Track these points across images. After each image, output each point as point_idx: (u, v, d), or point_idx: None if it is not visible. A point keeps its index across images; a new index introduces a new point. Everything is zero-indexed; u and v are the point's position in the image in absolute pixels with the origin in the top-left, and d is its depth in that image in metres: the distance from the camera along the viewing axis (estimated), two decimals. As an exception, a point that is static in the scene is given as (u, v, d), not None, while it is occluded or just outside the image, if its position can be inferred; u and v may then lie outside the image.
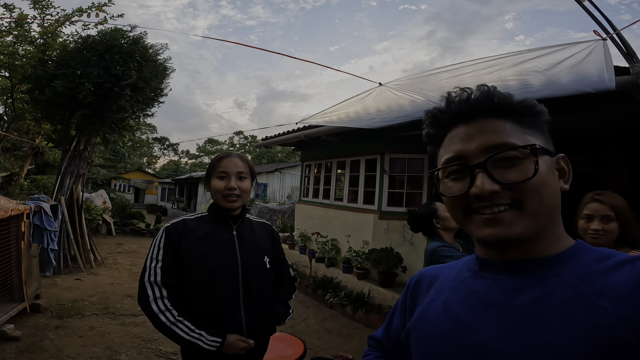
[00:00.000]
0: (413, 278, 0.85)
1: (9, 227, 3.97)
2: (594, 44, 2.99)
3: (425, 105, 3.26)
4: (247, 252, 1.58)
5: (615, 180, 5.15)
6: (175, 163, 48.48)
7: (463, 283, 0.70)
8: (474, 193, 0.60)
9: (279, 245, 1.80)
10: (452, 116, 0.67)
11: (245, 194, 1.59)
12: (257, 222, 1.74)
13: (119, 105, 6.77)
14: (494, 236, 0.60)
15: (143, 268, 1.52)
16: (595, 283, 0.56)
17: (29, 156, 11.11)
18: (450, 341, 0.64)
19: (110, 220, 11.96)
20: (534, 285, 0.60)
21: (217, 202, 1.59)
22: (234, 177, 1.56)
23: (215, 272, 1.50)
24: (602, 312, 0.52)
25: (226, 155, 1.62)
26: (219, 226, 1.60)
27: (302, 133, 6.83)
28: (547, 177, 0.60)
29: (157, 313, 1.44)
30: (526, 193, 0.58)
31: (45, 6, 7.29)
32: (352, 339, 4.34)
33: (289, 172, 20.01)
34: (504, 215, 0.59)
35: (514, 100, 0.64)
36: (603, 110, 3.36)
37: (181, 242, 1.52)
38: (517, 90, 2.84)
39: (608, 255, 0.59)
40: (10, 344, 3.56)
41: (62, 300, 5.03)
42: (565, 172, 0.66)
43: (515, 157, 0.60)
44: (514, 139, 0.61)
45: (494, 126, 0.62)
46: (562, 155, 0.66)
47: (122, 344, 3.82)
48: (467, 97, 0.65)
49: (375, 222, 5.83)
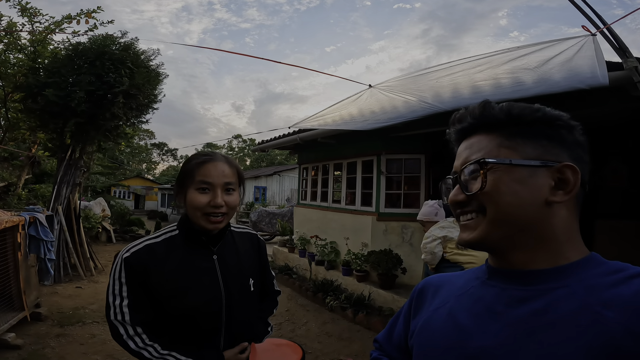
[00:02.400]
0: (418, 285, 0.87)
1: (5, 238, 3.99)
2: (583, 39, 2.97)
3: (418, 106, 3.25)
4: (231, 280, 1.30)
5: (614, 176, 5.14)
6: (174, 168, 48.49)
7: (470, 292, 0.71)
8: (449, 202, 0.71)
9: (265, 257, 1.54)
10: (455, 135, 0.74)
11: (232, 210, 1.25)
12: (240, 234, 1.44)
13: (112, 112, 6.73)
14: (462, 240, 0.68)
15: (106, 304, 1.21)
16: (602, 295, 0.55)
17: (26, 166, 11.07)
18: (452, 347, 0.65)
19: (110, 228, 11.95)
20: (539, 295, 0.60)
21: (194, 221, 1.23)
22: (220, 190, 1.20)
23: (195, 307, 1.22)
24: (607, 323, 0.52)
25: (209, 158, 1.23)
26: (195, 251, 1.27)
27: (298, 136, 6.83)
28: (505, 187, 0.62)
29: (138, 350, 1.18)
30: (485, 201, 0.64)
31: (34, 14, 7.25)
32: (353, 342, 4.32)
33: (288, 175, 20.01)
34: (470, 222, 0.67)
35: (501, 112, 0.66)
36: (598, 107, 3.35)
37: (149, 278, 1.19)
38: (510, 88, 2.83)
39: (620, 269, 0.58)
40: (11, 353, 3.57)
41: (63, 308, 5.04)
42: (566, 182, 0.62)
43: (476, 170, 0.65)
44: (482, 153, 0.66)
45: (477, 142, 0.68)
46: (565, 164, 0.62)
47: (123, 352, 3.73)
48: (459, 116, 0.72)
49: (374, 224, 5.81)
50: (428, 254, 3.29)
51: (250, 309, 1.39)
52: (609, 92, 2.88)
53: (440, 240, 3.24)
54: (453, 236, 3.17)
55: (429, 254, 3.28)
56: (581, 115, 3.34)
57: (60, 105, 6.35)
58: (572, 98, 3.05)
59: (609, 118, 4.13)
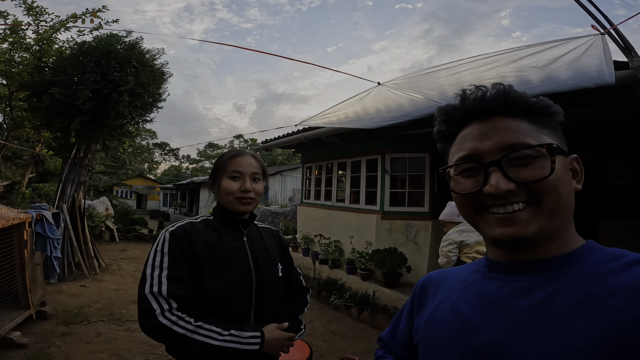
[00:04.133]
0: (419, 282, 0.85)
1: (11, 235, 3.98)
2: (592, 38, 2.98)
3: (424, 104, 3.26)
4: (260, 261, 1.40)
5: (618, 175, 5.14)
6: (176, 168, 48.55)
7: (471, 285, 0.70)
8: (489, 192, 0.59)
9: (288, 252, 1.63)
10: (466, 114, 0.66)
11: (259, 196, 1.43)
12: (264, 228, 1.58)
13: (118, 111, 6.76)
14: (508, 236, 0.59)
15: (142, 278, 1.25)
16: (605, 283, 0.55)
17: (29, 164, 11.11)
18: (457, 342, 0.64)
19: (113, 227, 11.99)
20: (543, 285, 0.59)
21: (226, 205, 1.40)
22: (248, 178, 1.39)
23: (231, 284, 1.30)
24: (612, 312, 0.51)
25: (239, 153, 1.44)
26: (228, 232, 1.41)
27: (302, 135, 6.84)
28: (563, 175, 0.60)
29: (169, 326, 1.16)
30: (543, 191, 0.58)
31: (39, 13, 7.27)
32: (358, 340, 4.33)
33: (290, 175, 19.99)
34: (519, 214, 0.59)
35: (531, 99, 0.64)
36: (604, 105, 3.35)
37: (192, 247, 1.28)
38: (516, 86, 2.81)
39: (619, 255, 0.58)
40: (17, 351, 3.57)
41: (68, 307, 5.05)
42: (578, 172, 0.66)
43: (530, 156, 0.59)
44: (530, 138, 0.60)
45: (510, 125, 0.62)
46: (575, 155, 0.66)
47: (128, 350, 3.82)
48: (482, 94, 0.65)
49: (378, 223, 5.81)
50: (444, 257, 3.28)
51: (278, 292, 1.45)
52: (615, 91, 2.90)
53: (456, 245, 3.23)
54: (470, 242, 3.17)
55: (445, 257, 3.27)
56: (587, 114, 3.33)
57: (65, 103, 6.38)
58: (580, 97, 3.05)
59: (614, 117, 4.14)
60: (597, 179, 5.29)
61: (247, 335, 1.23)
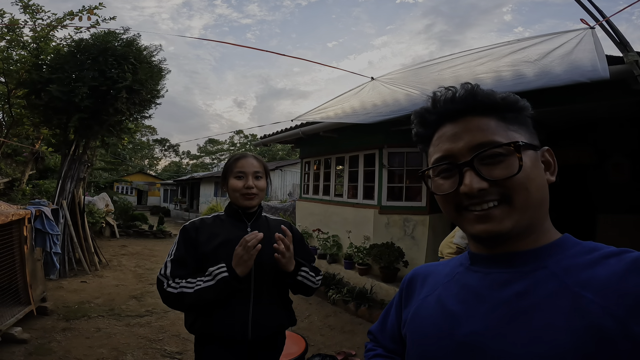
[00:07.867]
0: (407, 275, 0.87)
1: (11, 231, 4.01)
2: (582, 32, 2.97)
3: (420, 98, 3.26)
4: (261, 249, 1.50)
5: (616, 170, 5.13)
6: (176, 164, 48.53)
7: (456, 278, 0.72)
8: (464, 191, 0.61)
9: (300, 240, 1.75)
10: (439, 116, 0.68)
11: (261, 192, 1.66)
12: (275, 220, 1.77)
13: (116, 108, 6.76)
14: (486, 232, 0.61)
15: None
16: (579, 275, 0.56)
17: (29, 161, 11.14)
18: (442, 333, 0.66)
19: (114, 223, 12.02)
20: (521, 277, 0.61)
21: (234, 201, 1.65)
22: (250, 177, 1.62)
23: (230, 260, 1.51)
24: (587, 304, 0.53)
25: (242, 155, 1.69)
26: (234, 224, 1.65)
27: (300, 130, 6.85)
28: (532, 171, 0.61)
29: (169, 290, 1.47)
30: (513, 189, 0.60)
31: (36, 10, 7.26)
32: (356, 335, 4.36)
33: (290, 170, 19.98)
34: (494, 211, 0.61)
35: (497, 97, 0.65)
36: (600, 100, 3.35)
37: (198, 236, 1.58)
38: (511, 81, 2.84)
39: (594, 248, 0.60)
40: (18, 347, 3.61)
41: (68, 302, 5.09)
42: (550, 164, 0.67)
43: (500, 154, 0.61)
44: (499, 136, 0.62)
45: (479, 124, 0.64)
46: (547, 148, 0.67)
47: (128, 345, 3.86)
48: (452, 96, 0.66)
49: (376, 217, 5.84)
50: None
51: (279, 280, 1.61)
52: (612, 86, 2.90)
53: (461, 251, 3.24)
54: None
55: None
56: (583, 109, 3.33)
57: (63, 100, 6.38)
58: (575, 91, 3.05)
59: (610, 112, 4.14)
60: (595, 175, 5.29)
61: (214, 271, 1.46)
